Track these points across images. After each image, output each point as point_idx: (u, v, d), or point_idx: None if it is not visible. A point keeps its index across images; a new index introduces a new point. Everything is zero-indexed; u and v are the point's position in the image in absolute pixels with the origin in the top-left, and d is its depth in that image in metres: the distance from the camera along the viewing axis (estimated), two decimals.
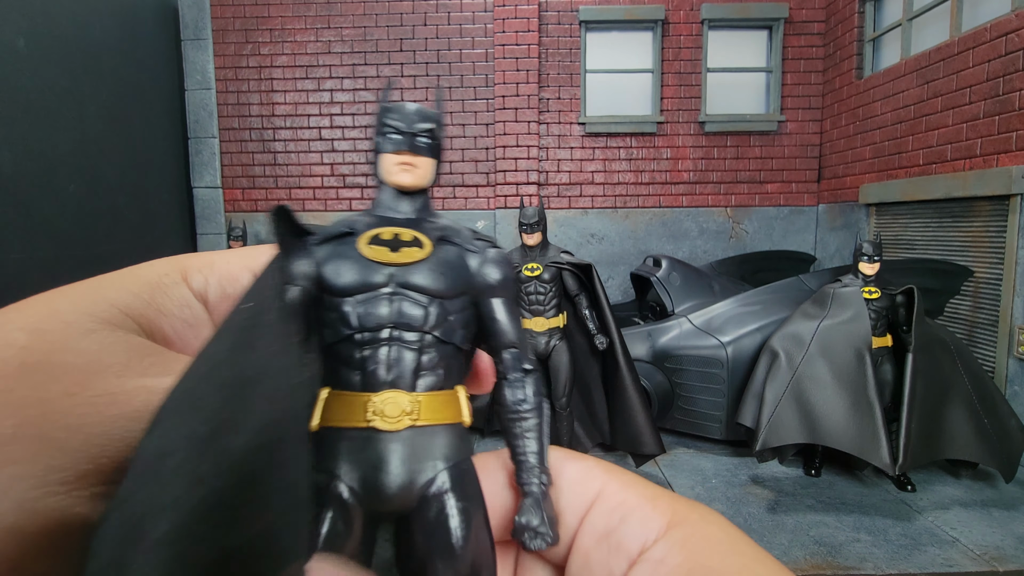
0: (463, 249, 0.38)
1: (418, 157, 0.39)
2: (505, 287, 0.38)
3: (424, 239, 0.36)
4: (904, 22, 5.41)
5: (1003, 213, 4.25)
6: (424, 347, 0.35)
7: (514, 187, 6.73)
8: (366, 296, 0.34)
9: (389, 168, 0.39)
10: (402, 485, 0.32)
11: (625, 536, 0.29)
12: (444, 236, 0.38)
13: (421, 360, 0.34)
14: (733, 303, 4.27)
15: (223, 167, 6.83)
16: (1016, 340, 4.10)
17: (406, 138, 0.39)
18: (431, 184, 0.40)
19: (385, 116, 0.40)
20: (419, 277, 0.35)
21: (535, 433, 0.35)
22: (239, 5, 6.64)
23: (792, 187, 6.85)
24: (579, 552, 0.31)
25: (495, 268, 0.38)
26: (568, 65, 6.72)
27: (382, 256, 0.35)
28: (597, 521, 0.31)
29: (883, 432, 3.11)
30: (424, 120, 0.39)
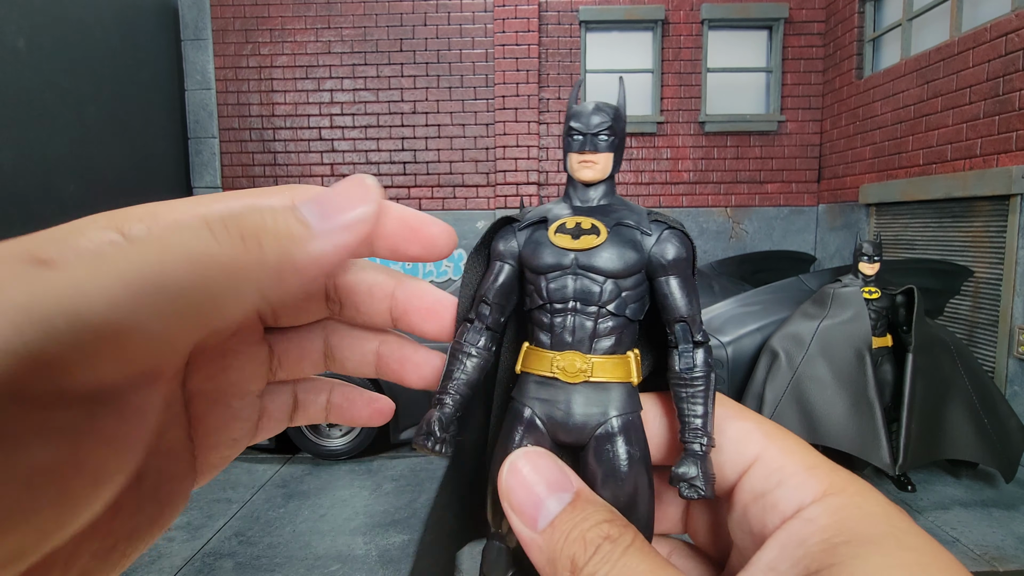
0: (639, 231, 0.43)
1: (597, 154, 0.45)
2: (677, 265, 0.43)
3: (601, 226, 0.42)
4: (904, 22, 5.41)
5: (1003, 213, 4.25)
6: (600, 317, 0.42)
7: (514, 187, 6.73)
8: (555, 275, 0.42)
9: (573, 165, 0.45)
10: (577, 424, 0.40)
11: (780, 498, 0.31)
12: (621, 221, 0.43)
13: (598, 328, 0.41)
14: (733, 303, 4.27)
15: (223, 167, 6.83)
16: (1016, 340, 4.10)
17: (586, 139, 0.45)
18: (615, 172, 0.46)
19: (569, 120, 0.46)
20: (597, 260, 0.42)
21: (702, 399, 0.39)
22: (239, 5, 6.64)
23: (792, 187, 6.85)
24: (739, 504, 0.34)
25: (668, 248, 0.43)
26: (568, 65, 6.72)
27: (566, 243, 0.42)
28: (755, 482, 0.33)
29: (883, 432, 3.11)
30: (601, 120, 0.45)
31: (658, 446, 0.41)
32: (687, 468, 0.37)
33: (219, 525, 3.25)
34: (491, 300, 0.44)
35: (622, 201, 0.46)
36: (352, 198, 0.27)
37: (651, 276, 0.43)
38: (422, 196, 6.84)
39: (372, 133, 6.78)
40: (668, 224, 0.44)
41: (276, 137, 6.79)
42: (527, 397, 0.41)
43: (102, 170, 5.47)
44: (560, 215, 0.44)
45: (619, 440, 0.39)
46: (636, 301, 0.43)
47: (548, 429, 0.41)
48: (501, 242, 0.45)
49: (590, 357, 0.41)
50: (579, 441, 0.40)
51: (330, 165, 6.83)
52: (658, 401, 0.43)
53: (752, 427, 0.36)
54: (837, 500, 0.30)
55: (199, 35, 6.62)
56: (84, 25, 5.30)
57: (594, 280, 0.42)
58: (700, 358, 0.41)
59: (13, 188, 4.50)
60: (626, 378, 0.41)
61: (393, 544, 3.08)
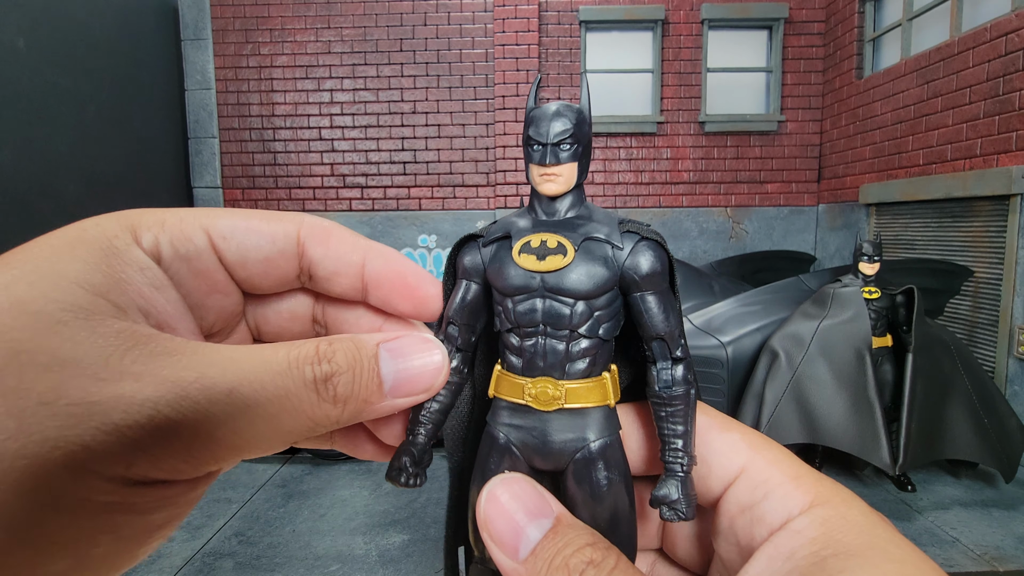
0: (610, 246, 0.40)
1: (560, 166, 0.41)
2: (652, 280, 0.40)
3: (568, 245, 0.40)
4: (904, 22, 5.41)
5: (1003, 213, 4.25)
6: (572, 340, 0.39)
7: (514, 187, 6.73)
8: (522, 297, 0.40)
9: (535, 178, 0.42)
10: (554, 452, 0.39)
11: (767, 511, 0.31)
12: (590, 235, 0.40)
13: (570, 351, 0.39)
14: (733, 303, 4.26)
15: (223, 167, 6.83)
16: (1016, 340, 4.10)
17: (546, 150, 0.41)
18: (581, 180, 0.42)
19: (528, 127, 0.42)
20: (565, 281, 0.39)
21: (681, 418, 0.38)
22: (239, 5, 6.64)
23: (792, 187, 6.85)
24: (725, 516, 0.34)
25: (642, 262, 0.40)
26: (568, 65, 6.72)
27: (531, 264, 0.39)
28: (742, 494, 0.34)
29: (883, 432, 3.11)
30: (562, 127, 0.41)
31: (638, 458, 0.41)
32: (668, 490, 0.36)
33: (219, 525, 3.25)
34: (459, 321, 0.41)
35: (591, 210, 0.42)
36: (425, 375, 0.30)
37: (625, 291, 0.41)
38: (422, 196, 6.85)
39: (372, 133, 6.78)
40: (641, 235, 0.40)
41: (276, 137, 6.79)
42: (500, 423, 0.40)
43: (102, 170, 5.47)
44: (524, 231, 0.41)
45: (598, 464, 0.38)
46: (610, 320, 0.40)
47: (524, 455, 0.39)
48: (466, 258, 0.42)
49: (563, 384, 0.39)
50: (557, 467, 0.39)
51: (330, 165, 6.83)
52: (636, 412, 0.42)
53: (737, 438, 0.36)
54: (823, 511, 0.30)
55: (199, 35, 6.62)
56: (84, 25, 5.30)
57: (563, 302, 0.39)
58: (679, 375, 0.39)
59: (13, 188, 4.50)
60: (602, 401, 0.39)
61: (393, 544, 3.08)
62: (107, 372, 0.21)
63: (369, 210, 6.85)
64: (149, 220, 0.28)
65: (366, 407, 0.29)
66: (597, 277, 0.39)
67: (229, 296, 0.31)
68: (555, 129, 0.41)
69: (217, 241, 0.30)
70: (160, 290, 0.27)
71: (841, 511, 0.30)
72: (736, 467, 0.35)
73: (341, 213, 6.84)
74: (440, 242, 6.87)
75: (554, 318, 0.39)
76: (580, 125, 0.42)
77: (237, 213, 0.30)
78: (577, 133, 0.41)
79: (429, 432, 0.39)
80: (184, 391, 0.23)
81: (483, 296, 0.42)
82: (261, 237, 0.30)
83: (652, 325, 0.40)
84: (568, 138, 0.41)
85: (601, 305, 0.40)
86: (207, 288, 0.30)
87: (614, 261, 0.40)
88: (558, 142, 0.41)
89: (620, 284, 0.40)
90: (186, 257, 0.28)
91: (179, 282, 0.29)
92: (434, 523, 3.29)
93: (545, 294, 0.39)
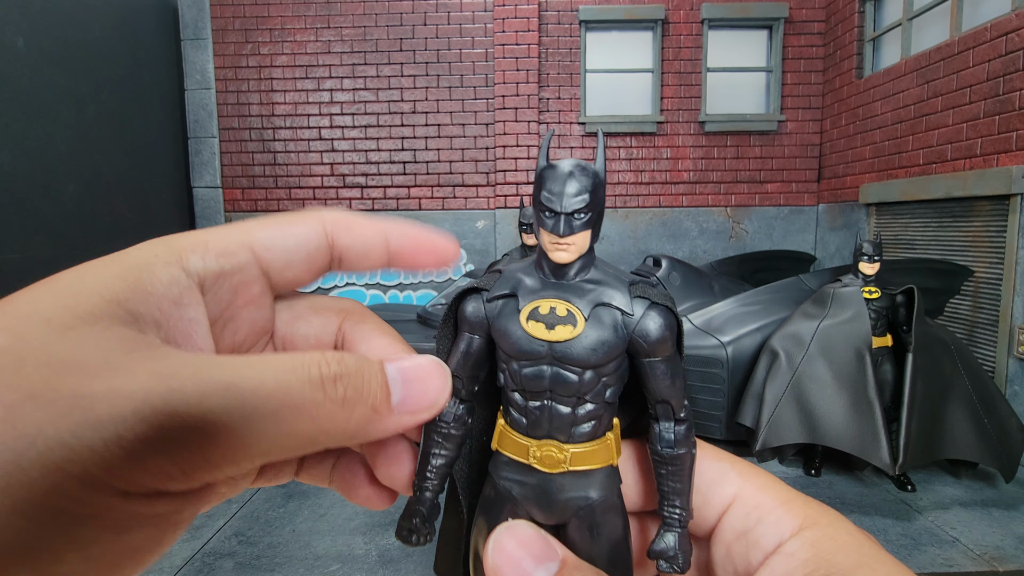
0: (620, 312, 0.40)
1: (573, 235, 0.40)
2: (661, 347, 0.40)
3: (578, 314, 0.39)
4: (904, 22, 5.41)
5: (1003, 213, 4.25)
6: (579, 405, 0.40)
7: (514, 187, 6.73)
8: (528, 363, 0.39)
9: (546, 244, 0.41)
10: (556, 509, 0.39)
11: (762, 536, 0.33)
12: (601, 300, 0.40)
13: (576, 415, 0.39)
14: (733, 303, 4.26)
15: (223, 167, 6.83)
16: (1016, 340, 4.10)
17: (559, 219, 0.40)
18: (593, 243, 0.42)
19: (540, 188, 0.41)
20: (574, 351, 0.39)
21: (680, 475, 0.39)
22: (239, 5, 6.64)
23: (792, 187, 6.85)
24: (721, 544, 0.36)
25: (651, 329, 0.39)
26: (568, 65, 6.72)
27: (539, 333, 0.39)
28: (736, 521, 0.35)
29: (883, 432, 3.11)
30: (578, 195, 0.40)
31: (635, 494, 0.42)
32: (665, 544, 0.37)
33: (219, 525, 3.25)
34: (462, 374, 0.41)
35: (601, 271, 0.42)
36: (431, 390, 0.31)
37: (632, 355, 0.40)
38: (422, 196, 6.84)
39: (372, 133, 6.78)
40: (652, 300, 0.40)
41: (276, 137, 6.79)
42: (502, 477, 0.40)
43: (102, 170, 5.47)
44: (532, 292, 0.40)
45: (599, 519, 0.39)
46: (616, 383, 0.40)
47: (525, 508, 0.40)
48: (469, 309, 0.41)
49: (568, 447, 0.39)
50: (559, 521, 0.40)
51: (330, 165, 6.83)
52: (635, 451, 0.43)
53: (727, 467, 0.38)
54: (812, 533, 0.32)
55: (199, 35, 6.62)
56: (84, 25, 5.30)
57: (571, 371, 0.39)
58: (682, 434, 0.40)
59: (13, 188, 4.50)
60: (607, 462, 0.39)
61: (393, 544, 3.08)
62: (103, 370, 0.21)
63: (369, 210, 6.85)
64: (192, 241, 0.29)
65: (375, 417, 0.28)
66: (607, 347, 0.39)
67: (262, 309, 0.32)
68: (570, 196, 0.40)
69: (261, 253, 0.31)
70: (181, 307, 0.27)
71: (829, 532, 0.31)
72: (728, 495, 0.37)
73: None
74: None
75: (561, 385, 0.39)
76: (596, 191, 0.41)
77: (269, 223, 0.32)
78: (592, 201, 0.40)
79: (435, 488, 0.39)
80: (179, 384, 0.22)
81: (486, 349, 0.41)
82: (298, 240, 0.32)
83: (658, 390, 0.40)
84: (583, 208, 0.40)
85: (609, 371, 0.40)
86: (243, 302, 0.31)
87: (623, 327, 0.39)
88: (572, 212, 0.40)
89: (628, 348, 0.40)
90: (229, 274, 0.29)
91: (218, 299, 0.29)
92: None
93: (553, 362, 0.39)
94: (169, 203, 6.57)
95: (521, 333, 0.39)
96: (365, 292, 6.91)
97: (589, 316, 0.39)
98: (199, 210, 6.84)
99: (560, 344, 0.39)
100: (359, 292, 6.89)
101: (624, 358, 0.40)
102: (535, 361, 0.39)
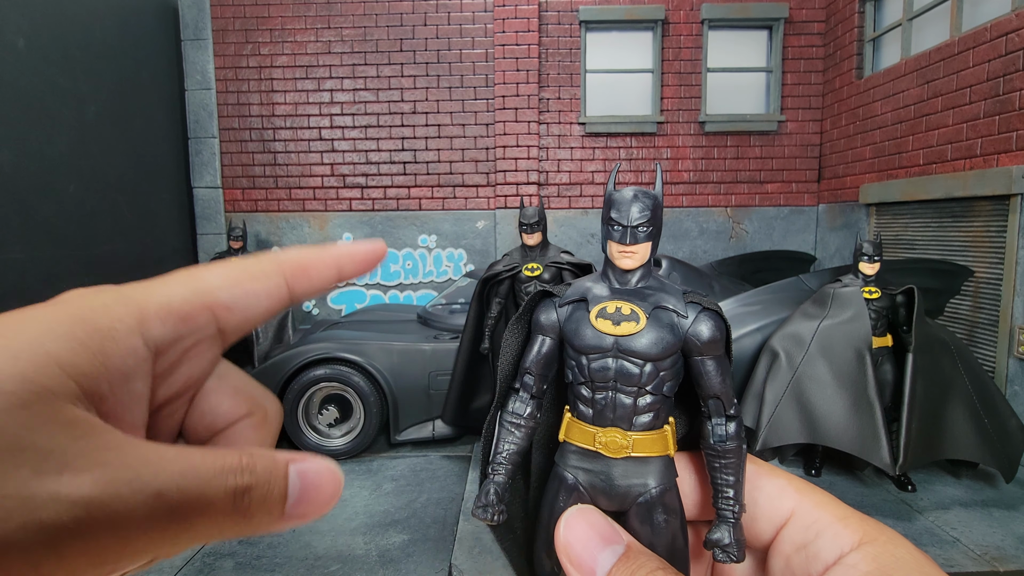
0: (676, 314, 0.46)
1: (637, 245, 0.48)
2: (712, 346, 0.45)
3: (640, 312, 0.46)
4: (904, 22, 5.41)
5: (1003, 213, 4.25)
6: (640, 396, 0.45)
7: (514, 187, 6.73)
8: (596, 356, 0.45)
9: (614, 253, 0.48)
10: (619, 494, 0.44)
11: (821, 548, 0.35)
12: (660, 304, 0.46)
13: (637, 405, 0.45)
14: (733, 303, 4.26)
15: (223, 167, 6.83)
16: (1016, 340, 4.10)
17: (626, 231, 0.47)
18: (652, 256, 0.48)
19: (609, 209, 0.48)
20: (636, 345, 0.45)
21: (733, 468, 0.42)
22: (239, 5, 6.64)
23: (792, 187, 6.85)
24: (780, 556, 0.37)
25: (704, 330, 0.45)
26: (568, 65, 6.72)
27: (607, 328, 0.45)
28: (795, 535, 0.37)
29: (883, 432, 3.11)
30: (641, 212, 0.47)
31: (692, 503, 0.45)
32: (721, 535, 0.40)
33: None
34: (535, 372, 0.46)
35: (659, 282, 0.49)
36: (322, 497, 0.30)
37: (687, 354, 0.46)
38: (422, 196, 6.85)
39: (372, 133, 6.78)
40: (703, 305, 0.46)
41: (276, 137, 6.79)
42: (570, 465, 0.45)
43: (102, 170, 5.47)
44: (600, 296, 0.47)
45: (658, 508, 0.43)
46: (673, 379, 0.46)
47: (591, 495, 0.44)
48: (543, 315, 0.47)
49: (631, 434, 0.44)
50: (621, 508, 0.44)
51: (330, 165, 6.83)
52: (691, 461, 0.46)
53: (784, 483, 0.39)
54: (873, 548, 0.33)
55: (199, 35, 6.62)
56: (84, 25, 5.30)
57: (634, 363, 0.45)
58: (732, 430, 0.44)
59: (13, 188, 4.50)
60: (664, 451, 0.44)
61: (393, 544, 3.08)
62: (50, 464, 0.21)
63: (369, 210, 6.85)
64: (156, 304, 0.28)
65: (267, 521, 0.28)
66: (665, 342, 0.45)
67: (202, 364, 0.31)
68: (634, 214, 0.47)
69: (220, 313, 0.30)
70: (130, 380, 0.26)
71: (889, 549, 0.33)
72: (786, 510, 0.38)
73: (341, 213, 6.84)
74: (440, 242, 6.87)
75: (625, 376, 0.45)
76: (656, 210, 0.48)
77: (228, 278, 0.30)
78: (653, 218, 0.48)
79: (509, 472, 0.43)
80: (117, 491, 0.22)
81: (556, 350, 0.47)
82: (259, 299, 0.31)
83: (710, 386, 0.45)
84: (646, 223, 0.47)
85: (666, 366, 0.45)
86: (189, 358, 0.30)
87: (679, 328, 0.45)
88: (637, 225, 0.47)
89: (683, 348, 0.46)
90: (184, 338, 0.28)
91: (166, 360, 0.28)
92: (434, 523, 3.29)
93: (618, 355, 0.45)
94: (169, 203, 6.57)
95: (591, 330, 0.45)
96: (365, 292, 6.92)
97: (650, 316, 0.45)
98: (199, 210, 6.84)
99: (625, 338, 0.45)
100: (359, 292, 6.90)
101: (679, 356, 0.46)
102: (602, 354, 0.45)
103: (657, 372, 0.44)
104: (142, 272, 5.91)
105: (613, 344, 0.44)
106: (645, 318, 0.43)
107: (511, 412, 0.44)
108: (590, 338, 0.44)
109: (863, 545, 0.33)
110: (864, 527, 0.35)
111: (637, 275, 0.47)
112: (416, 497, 3.58)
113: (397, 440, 4.23)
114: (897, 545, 0.33)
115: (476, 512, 0.41)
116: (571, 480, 0.43)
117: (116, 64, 5.71)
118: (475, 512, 0.41)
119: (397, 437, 4.22)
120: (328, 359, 4.14)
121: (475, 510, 0.41)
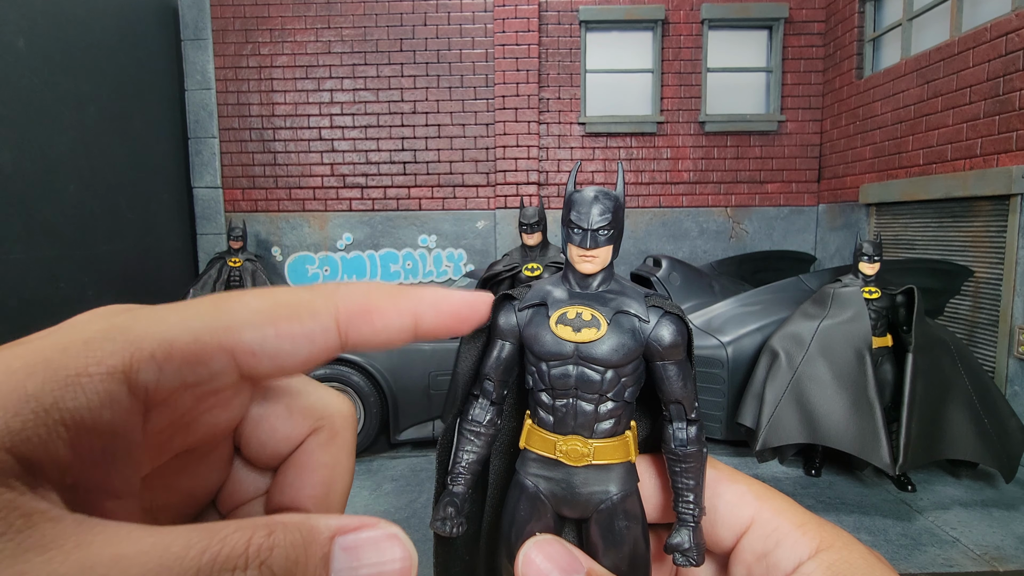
0: (637, 319, 0.44)
1: (597, 249, 0.46)
2: (673, 351, 0.44)
3: (601, 318, 0.44)
4: (904, 22, 5.41)
5: (1003, 213, 4.25)
6: (601, 402, 0.44)
7: (514, 187, 6.73)
8: (556, 363, 0.44)
9: (574, 257, 0.46)
10: (580, 502, 0.43)
11: (781, 558, 0.35)
12: (621, 308, 0.45)
13: (599, 412, 0.44)
14: (733, 303, 4.26)
15: (223, 167, 6.83)
16: (1016, 340, 4.10)
17: (586, 235, 0.46)
18: (614, 259, 0.47)
19: (569, 211, 0.47)
20: (597, 352, 0.44)
21: (694, 473, 0.41)
22: (239, 5, 6.64)
23: (792, 187, 6.85)
24: (741, 564, 0.37)
25: (665, 335, 0.44)
26: (568, 65, 6.72)
27: (567, 335, 0.44)
28: (756, 543, 0.37)
29: (883, 432, 3.11)
30: (601, 214, 0.46)
31: (653, 507, 0.44)
32: (681, 539, 0.40)
33: None
34: (495, 377, 0.45)
35: (620, 285, 0.47)
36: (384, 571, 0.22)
37: (648, 359, 0.45)
38: (422, 196, 6.85)
39: (372, 133, 6.78)
40: (665, 309, 0.44)
41: (276, 137, 6.79)
42: (530, 473, 0.44)
43: (102, 170, 5.47)
44: (559, 301, 0.45)
45: (620, 514, 0.42)
46: (634, 384, 0.45)
47: (552, 504, 0.43)
48: (502, 318, 0.46)
49: (591, 442, 0.43)
50: (583, 515, 0.44)
51: (330, 165, 6.83)
52: (652, 464, 0.46)
53: (744, 490, 0.39)
54: (828, 556, 0.34)
55: (199, 35, 6.62)
56: (84, 25, 5.30)
57: (595, 370, 0.44)
58: (693, 434, 0.43)
59: (13, 188, 4.50)
60: (625, 458, 0.43)
61: None
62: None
63: (369, 210, 6.85)
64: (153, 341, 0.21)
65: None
66: (626, 349, 0.44)
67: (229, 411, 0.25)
68: (595, 217, 0.46)
69: (243, 359, 0.23)
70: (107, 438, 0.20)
71: (844, 555, 0.34)
72: (746, 518, 0.38)
73: (341, 213, 6.84)
74: (440, 242, 6.87)
75: (586, 383, 0.43)
76: (617, 212, 0.46)
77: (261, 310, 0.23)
78: (615, 220, 0.46)
79: (468, 483, 0.42)
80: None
81: (516, 355, 0.46)
82: (295, 344, 0.23)
83: (672, 391, 0.44)
84: (606, 226, 0.45)
85: (628, 372, 0.44)
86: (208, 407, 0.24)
87: (641, 333, 0.44)
88: (597, 228, 0.45)
89: (644, 353, 0.45)
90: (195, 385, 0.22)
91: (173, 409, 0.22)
92: None
93: (579, 361, 0.44)
94: (169, 203, 6.57)
95: (550, 336, 0.44)
96: None
97: (611, 321, 0.44)
98: (199, 210, 6.84)
99: (585, 345, 0.43)
100: None
101: (641, 361, 0.45)
102: (562, 361, 0.44)
103: (619, 379, 0.43)
104: (142, 272, 5.92)
105: (574, 351, 0.43)
106: (606, 324, 0.42)
107: (471, 419, 0.43)
108: (550, 344, 0.43)
109: (819, 552, 0.34)
110: (822, 533, 0.35)
111: (598, 279, 0.46)
112: (416, 497, 3.58)
113: (397, 440, 4.23)
114: (851, 550, 0.34)
115: (435, 525, 0.40)
116: (532, 488, 0.42)
117: (116, 64, 5.71)
118: (433, 525, 0.40)
119: (397, 437, 4.22)
120: None
121: (433, 523, 0.40)
